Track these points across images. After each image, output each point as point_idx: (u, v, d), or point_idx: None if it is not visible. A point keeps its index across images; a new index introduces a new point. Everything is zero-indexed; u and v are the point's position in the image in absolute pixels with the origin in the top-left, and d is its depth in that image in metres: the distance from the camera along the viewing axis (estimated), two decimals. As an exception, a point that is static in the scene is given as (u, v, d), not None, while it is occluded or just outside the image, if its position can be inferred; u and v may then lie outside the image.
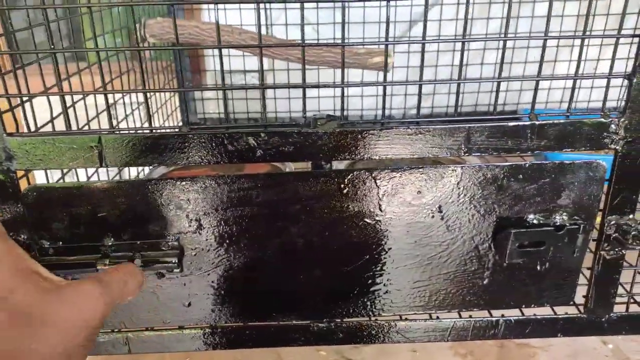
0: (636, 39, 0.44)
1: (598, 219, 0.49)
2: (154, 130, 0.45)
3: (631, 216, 0.48)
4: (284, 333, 0.53)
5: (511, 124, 0.44)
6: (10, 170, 0.44)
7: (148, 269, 0.46)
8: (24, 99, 0.46)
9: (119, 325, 0.52)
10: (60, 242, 0.46)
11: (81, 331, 0.33)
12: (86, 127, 0.64)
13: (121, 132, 0.45)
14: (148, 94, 0.46)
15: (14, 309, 0.31)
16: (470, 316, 0.53)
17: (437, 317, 0.54)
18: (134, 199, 0.46)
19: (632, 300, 0.54)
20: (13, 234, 0.45)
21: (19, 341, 0.31)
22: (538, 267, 0.50)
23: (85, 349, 0.33)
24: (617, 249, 0.49)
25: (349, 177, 0.46)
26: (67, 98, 0.53)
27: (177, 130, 0.44)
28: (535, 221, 0.48)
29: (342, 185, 0.46)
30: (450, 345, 0.65)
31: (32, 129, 0.48)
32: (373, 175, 0.46)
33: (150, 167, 0.80)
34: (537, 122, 0.45)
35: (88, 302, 0.34)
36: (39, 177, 0.72)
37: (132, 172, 0.82)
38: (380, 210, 0.47)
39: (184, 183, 0.45)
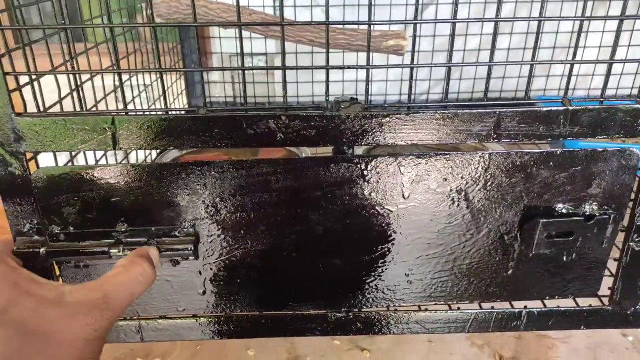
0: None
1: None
2: (170, 112, 0.43)
3: (663, 207, 0.46)
4: (301, 323, 0.52)
5: (544, 109, 0.42)
6: (20, 153, 0.42)
7: (163, 256, 0.45)
8: (33, 77, 0.44)
9: (131, 314, 0.50)
10: (72, 228, 0.44)
11: (83, 344, 0.31)
12: (94, 110, 0.62)
13: (136, 113, 0.43)
14: (156, 77, 0.44)
15: (12, 324, 0.29)
16: (493, 307, 0.52)
17: (458, 308, 0.52)
18: (148, 184, 0.44)
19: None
20: (23, 220, 0.44)
21: (20, 356, 0.29)
22: (565, 258, 0.48)
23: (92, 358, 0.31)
24: (647, 241, 0.48)
25: (373, 163, 0.44)
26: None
27: (194, 112, 0.42)
28: (564, 211, 0.46)
29: (365, 172, 0.45)
30: (467, 336, 0.64)
31: (41, 110, 0.46)
32: (398, 161, 0.44)
33: (158, 150, 0.78)
34: (570, 108, 0.43)
35: (91, 316, 0.31)
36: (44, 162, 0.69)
37: (140, 156, 0.80)
38: (404, 197, 0.46)
39: (200, 168, 0.44)
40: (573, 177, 0.45)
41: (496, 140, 0.44)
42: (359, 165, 0.44)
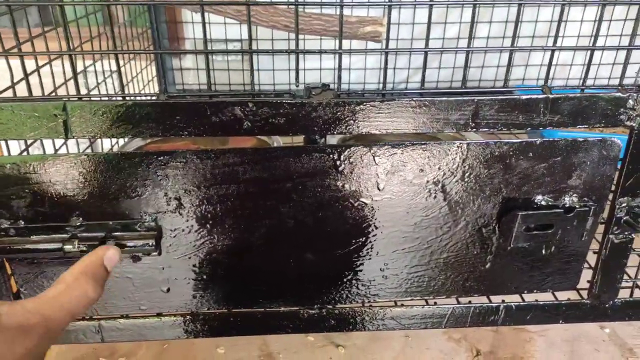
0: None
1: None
2: (127, 98, 0.40)
3: (644, 198, 0.45)
4: (272, 320, 0.49)
5: (524, 97, 0.41)
6: (-38, 141, 0.39)
7: (123, 251, 0.42)
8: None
9: (90, 312, 0.47)
10: (22, 222, 0.41)
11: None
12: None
13: (90, 99, 0.40)
14: (122, 61, 0.40)
15: None
16: (470, 302, 0.50)
17: (435, 303, 0.50)
18: (105, 175, 0.41)
19: (637, 286, 0.51)
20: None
21: None
22: (543, 251, 0.47)
23: None
24: (626, 233, 0.47)
25: (346, 152, 0.42)
26: (31, 63, 0.48)
27: (153, 98, 0.39)
28: (543, 202, 0.45)
29: (338, 162, 0.42)
30: (444, 330, 0.63)
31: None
32: (372, 151, 0.42)
33: (125, 139, 0.74)
34: (551, 96, 0.41)
35: (29, 340, 0.30)
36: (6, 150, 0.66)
37: (105, 145, 0.77)
38: (379, 189, 0.44)
39: (162, 157, 0.41)
40: (553, 167, 0.43)
41: (474, 129, 0.42)
42: (331, 155, 0.42)
